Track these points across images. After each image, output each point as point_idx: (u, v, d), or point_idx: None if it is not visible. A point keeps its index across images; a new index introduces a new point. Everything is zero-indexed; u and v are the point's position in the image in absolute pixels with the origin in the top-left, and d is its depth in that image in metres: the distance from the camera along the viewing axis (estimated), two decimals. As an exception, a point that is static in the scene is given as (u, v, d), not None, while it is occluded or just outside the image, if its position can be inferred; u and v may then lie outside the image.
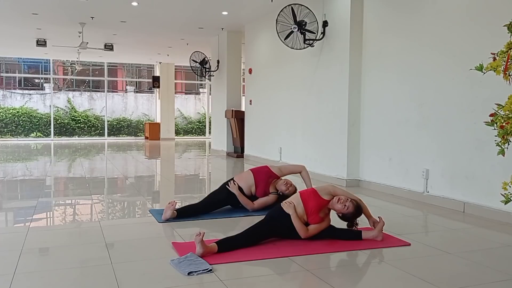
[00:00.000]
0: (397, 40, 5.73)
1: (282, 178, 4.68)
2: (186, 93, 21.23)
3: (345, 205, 3.47)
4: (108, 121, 18.90)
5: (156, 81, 18.09)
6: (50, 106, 18.13)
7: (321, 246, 3.38)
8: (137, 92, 20.45)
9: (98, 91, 19.45)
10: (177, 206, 4.28)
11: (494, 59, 2.77)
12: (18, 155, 11.72)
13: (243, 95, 11.85)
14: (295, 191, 4.45)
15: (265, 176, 4.60)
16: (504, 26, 2.82)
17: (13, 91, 18.37)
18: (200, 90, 21.19)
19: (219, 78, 11.80)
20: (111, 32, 11.59)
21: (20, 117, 17.61)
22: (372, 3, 6.18)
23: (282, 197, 4.35)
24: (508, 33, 2.76)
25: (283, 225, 3.47)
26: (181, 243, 3.42)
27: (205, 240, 3.09)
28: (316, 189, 3.61)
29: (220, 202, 4.57)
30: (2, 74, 18.93)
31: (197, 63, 12.11)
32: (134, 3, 8.56)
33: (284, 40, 7.02)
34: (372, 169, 6.20)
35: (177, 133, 19.31)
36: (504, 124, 2.70)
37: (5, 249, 3.37)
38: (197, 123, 20.45)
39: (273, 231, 3.49)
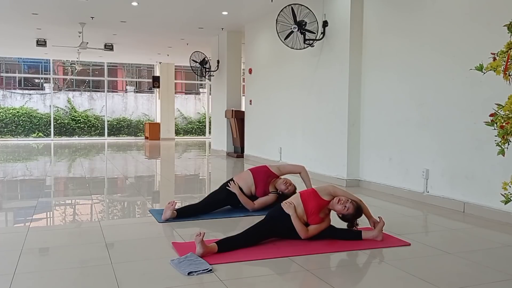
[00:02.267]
0: (397, 40, 5.73)
1: (281, 177, 4.69)
2: (186, 93, 21.22)
3: (345, 206, 3.47)
4: (108, 121, 18.90)
5: (156, 81, 18.08)
6: (50, 106, 18.13)
7: (321, 246, 3.38)
8: (137, 92, 20.45)
9: (98, 91, 19.45)
10: (177, 206, 4.28)
11: (494, 59, 2.77)
12: (18, 155, 11.72)
13: (243, 95, 11.85)
14: (294, 190, 4.46)
15: (264, 176, 4.60)
16: (504, 26, 2.82)
17: (13, 91, 18.37)
18: (200, 90, 21.19)
19: (219, 78, 11.80)
20: (111, 32, 11.59)
21: (20, 117, 17.61)
22: (372, 3, 6.17)
23: (282, 196, 4.36)
24: (508, 33, 2.76)
25: (283, 225, 3.47)
26: (181, 243, 3.42)
27: (205, 240, 3.09)
28: (316, 189, 3.61)
29: (220, 202, 4.56)
30: (2, 74, 18.93)
31: (197, 63, 12.10)
32: (134, 3, 8.56)
33: (284, 40, 7.01)
34: (372, 169, 6.20)
35: (177, 133, 19.31)
36: (504, 124, 2.70)
37: (5, 249, 3.37)
38: (197, 123, 20.45)
39: (273, 231, 3.49)
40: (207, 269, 2.81)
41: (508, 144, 2.74)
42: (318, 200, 3.50)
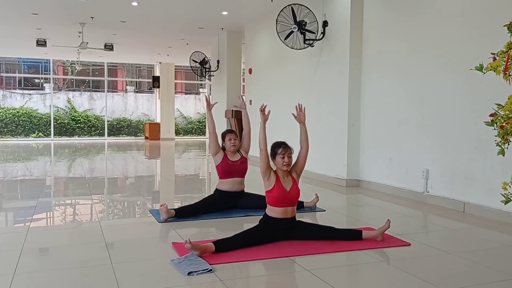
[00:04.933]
0: (397, 41, 5.72)
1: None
2: (186, 93, 21.22)
3: (287, 161, 3.50)
4: (108, 121, 18.90)
5: (156, 81, 18.08)
6: (50, 106, 18.13)
7: (321, 246, 3.38)
8: (137, 92, 20.45)
9: (98, 91, 19.44)
10: (177, 206, 4.28)
11: (494, 59, 2.77)
12: (18, 155, 11.71)
13: (243, 95, 11.84)
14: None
15: (225, 168, 4.58)
16: (504, 26, 2.83)
17: (13, 91, 18.36)
18: (200, 90, 21.19)
19: (219, 78, 11.80)
20: (111, 32, 11.59)
21: (20, 117, 17.61)
22: (372, 4, 6.18)
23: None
24: (508, 33, 2.76)
25: (278, 228, 3.45)
26: (181, 243, 3.41)
27: (200, 241, 3.09)
28: (265, 192, 3.55)
29: (217, 204, 4.56)
30: (2, 74, 18.93)
31: (197, 63, 12.10)
32: (134, 3, 8.56)
33: (284, 40, 7.01)
34: (372, 169, 6.20)
35: (177, 133, 19.31)
36: (504, 124, 2.70)
37: (5, 249, 3.37)
38: (197, 123, 20.45)
39: (269, 235, 3.45)
40: (207, 269, 2.81)
41: (508, 144, 2.75)
42: (274, 190, 3.46)
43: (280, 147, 3.56)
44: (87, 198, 5.71)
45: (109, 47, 12.82)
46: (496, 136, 2.79)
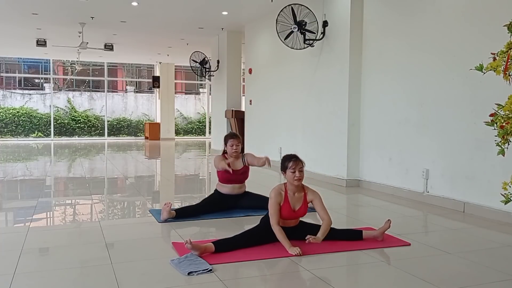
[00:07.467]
0: (397, 40, 5.72)
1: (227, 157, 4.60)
2: (186, 93, 21.22)
3: (299, 177, 3.31)
4: (108, 121, 18.90)
5: (156, 81, 18.08)
6: (50, 106, 18.12)
7: (321, 246, 3.37)
8: (137, 92, 20.45)
9: (98, 91, 19.44)
10: (177, 206, 4.28)
11: (494, 59, 2.77)
12: (18, 155, 11.71)
13: (243, 95, 11.85)
14: (238, 140, 4.52)
15: (225, 176, 4.53)
16: (504, 26, 2.82)
17: (13, 91, 18.36)
18: (200, 90, 21.19)
19: (219, 78, 11.80)
20: (111, 32, 11.59)
21: (20, 117, 17.61)
22: (372, 3, 6.18)
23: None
24: (508, 33, 2.76)
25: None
26: (181, 243, 3.41)
27: (200, 241, 3.09)
28: (269, 205, 3.37)
29: (217, 205, 4.56)
30: (2, 74, 18.92)
31: (197, 63, 12.10)
32: (134, 3, 8.56)
33: (284, 40, 7.01)
34: (372, 169, 6.20)
35: (177, 133, 19.31)
36: (504, 124, 2.70)
37: (5, 249, 3.37)
38: (197, 123, 20.45)
39: (270, 235, 3.44)
40: (207, 269, 2.81)
41: (508, 144, 2.74)
42: (281, 210, 3.33)
43: (291, 161, 3.34)
44: (87, 198, 5.71)
45: (109, 47, 12.82)
46: (496, 136, 2.79)
